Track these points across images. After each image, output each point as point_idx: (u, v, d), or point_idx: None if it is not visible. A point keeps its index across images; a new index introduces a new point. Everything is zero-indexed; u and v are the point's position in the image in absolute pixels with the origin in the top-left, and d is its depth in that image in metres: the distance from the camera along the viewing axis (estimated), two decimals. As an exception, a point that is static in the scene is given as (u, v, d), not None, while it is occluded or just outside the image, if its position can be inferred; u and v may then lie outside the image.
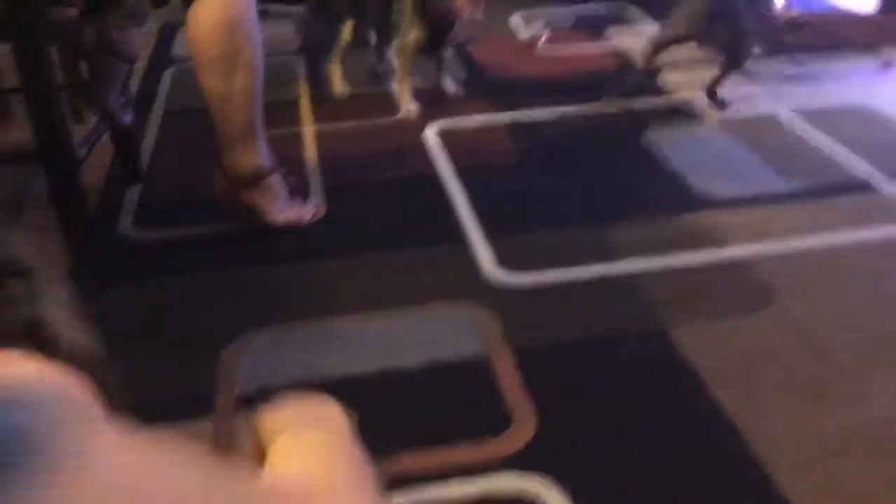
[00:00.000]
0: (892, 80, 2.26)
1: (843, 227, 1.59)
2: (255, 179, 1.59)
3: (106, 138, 1.78)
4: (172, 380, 1.26)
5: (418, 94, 2.17)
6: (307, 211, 1.68)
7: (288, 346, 1.33)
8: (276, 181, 1.63)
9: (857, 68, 2.35)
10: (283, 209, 1.65)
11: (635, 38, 2.63)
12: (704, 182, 1.77)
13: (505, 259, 1.53)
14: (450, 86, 2.28)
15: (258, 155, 1.58)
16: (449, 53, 2.25)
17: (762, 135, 1.98)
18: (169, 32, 2.74)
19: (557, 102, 2.17)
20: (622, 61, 2.46)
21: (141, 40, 1.68)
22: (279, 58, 2.54)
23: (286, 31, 2.76)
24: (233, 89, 1.48)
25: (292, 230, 1.64)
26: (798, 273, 1.46)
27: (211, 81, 1.47)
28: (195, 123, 1.66)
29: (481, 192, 1.76)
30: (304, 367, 1.27)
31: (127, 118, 1.72)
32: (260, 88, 1.52)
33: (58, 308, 0.42)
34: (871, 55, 2.43)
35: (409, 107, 2.14)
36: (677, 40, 2.13)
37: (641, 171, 1.84)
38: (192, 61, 1.49)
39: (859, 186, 1.74)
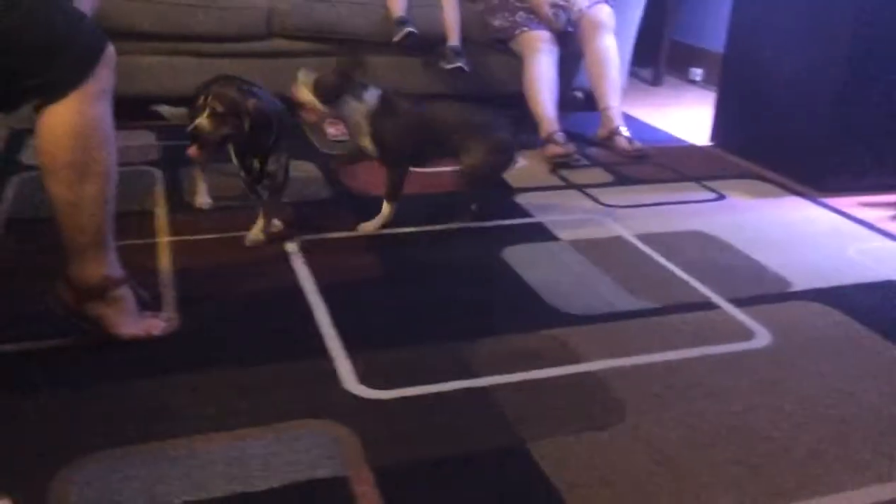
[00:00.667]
0: (726, 209, 2.46)
1: (688, 344, 1.68)
2: (103, 290, 1.51)
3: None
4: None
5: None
6: (157, 324, 1.60)
7: (127, 471, 1.22)
8: (125, 293, 1.55)
9: (692, 197, 2.55)
10: (132, 322, 1.56)
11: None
12: (559, 299, 1.83)
13: (366, 375, 1.50)
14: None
15: (107, 265, 1.50)
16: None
17: (611, 256, 2.08)
18: (17, 138, 2.62)
19: (418, 220, 2.22)
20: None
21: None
22: (137, 167, 2.49)
23: (145, 140, 2.71)
24: (83, 197, 1.41)
25: (140, 344, 1.55)
26: (648, 389, 1.51)
27: (59, 189, 1.40)
28: (39, 233, 1.56)
29: (343, 306, 1.74)
30: (144, 495, 1.18)
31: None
32: (112, 197, 1.46)
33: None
34: (706, 186, 2.65)
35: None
36: None
37: (500, 288, 1.89)
38: (40, 168, 1.42)
39: (701, 305, 1.85)
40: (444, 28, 3.08)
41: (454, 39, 3.08)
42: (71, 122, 1.36)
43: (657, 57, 4.26)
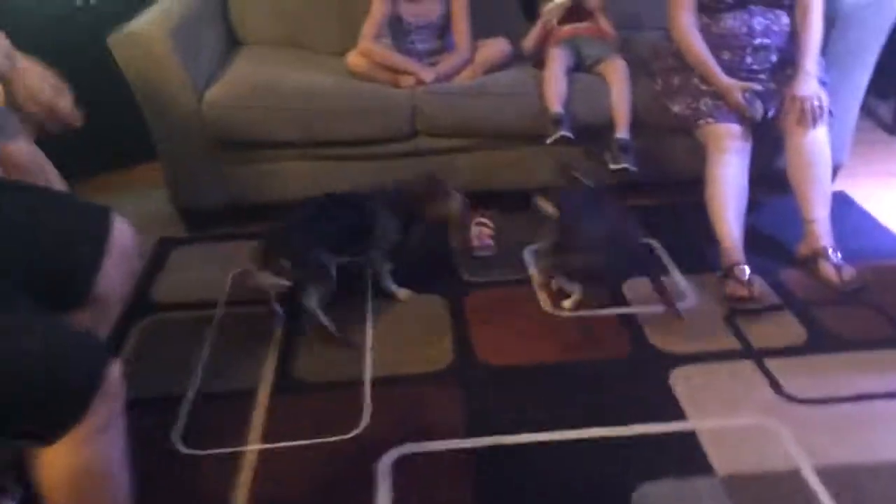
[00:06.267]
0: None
1: None
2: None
3: None
4: None
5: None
6: None
7: None
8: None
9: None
10: None
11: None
12: None
13: None
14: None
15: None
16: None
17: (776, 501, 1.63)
18: (152, 265, 2.59)
19: (557, 420, 1.87)
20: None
21: None
22: (253, 308, 2.32)
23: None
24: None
25: None
26: None
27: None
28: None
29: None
30: None
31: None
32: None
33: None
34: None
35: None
36: None
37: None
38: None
39: None
40: (610, 115, 2.63)
41: (622, 130, 2.62)
42: (65, 465, 1.19)
43: (901, 93, 3.44)
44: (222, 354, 2.15)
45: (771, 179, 2.64)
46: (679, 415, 1.89)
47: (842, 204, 2.70)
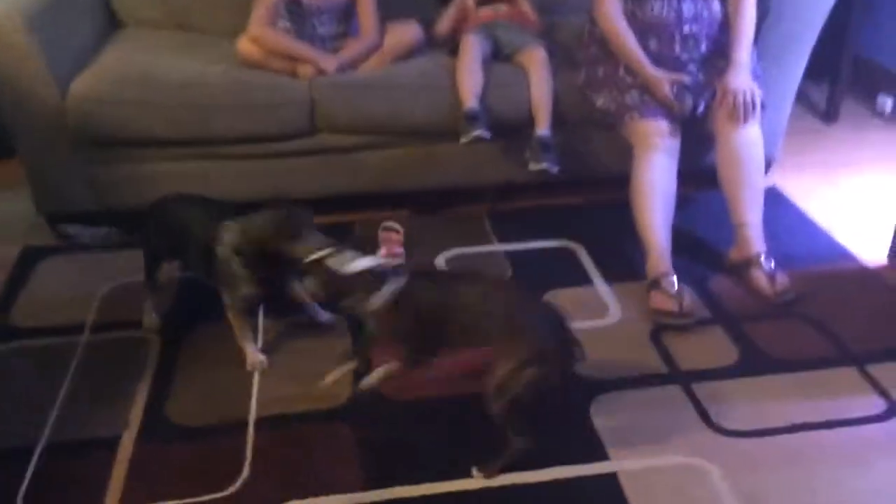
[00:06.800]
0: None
1: None
2: None
3: None
4: None
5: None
6: None
7: None
8: None
9: (849, 408, 1.81)
10: None
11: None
12: None
13: None
14: (322, 315, 2.06)
15: None
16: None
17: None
18: (16, 279, 2.28)
19: (465, 465, 1.65)
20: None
21: None
22: (129, 332, 2.05)
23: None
24: None
25: None
26: None
27: None
28: None
29: None
30: None
31: None
32: None
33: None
34: (870, 379, 1.88)
35: (254, 360, 1.94)
36: None
37: None
38: None
39: None
40: (530, 110, 2.41)
41: (543, 126, 2.40)
42: None
43: (834, 82, 3.29)
44: (84, 392, 1.87)
45: (701, 175, 2.46)
46: (599, 454, 1.69)
47: (774, 201, 2.55)
